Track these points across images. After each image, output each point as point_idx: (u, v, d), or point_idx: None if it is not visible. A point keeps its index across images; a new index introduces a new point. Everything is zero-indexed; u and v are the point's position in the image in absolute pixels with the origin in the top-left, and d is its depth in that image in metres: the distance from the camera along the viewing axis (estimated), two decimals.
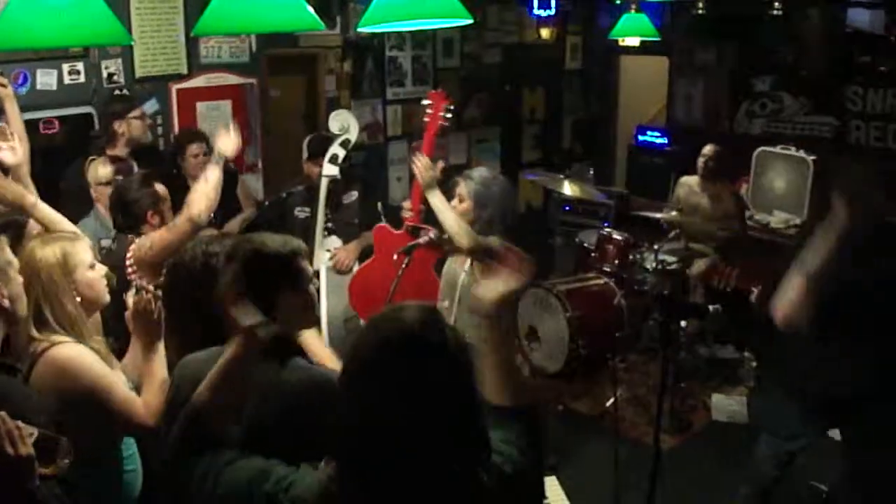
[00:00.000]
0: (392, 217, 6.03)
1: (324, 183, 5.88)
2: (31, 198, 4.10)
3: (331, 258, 6.10)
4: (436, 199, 4.94)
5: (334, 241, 6.20)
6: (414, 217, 5.66)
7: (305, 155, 6.44)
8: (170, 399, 2.80)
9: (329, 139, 6.10)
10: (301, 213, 6.37)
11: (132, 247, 4.34)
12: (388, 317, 2.14)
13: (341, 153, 5.89)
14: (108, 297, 3.52)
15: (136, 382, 3.39)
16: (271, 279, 2.72)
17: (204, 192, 4.28)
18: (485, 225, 4.83)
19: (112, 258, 4.27)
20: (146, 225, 4.46)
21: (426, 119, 5.72)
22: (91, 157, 5.79)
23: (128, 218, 4.49)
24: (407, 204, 5.76)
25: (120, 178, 5.34)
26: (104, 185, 5.45)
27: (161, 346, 3.41)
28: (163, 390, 3.21)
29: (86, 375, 3.15)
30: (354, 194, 6.17)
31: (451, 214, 4.88)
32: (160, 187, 4.58)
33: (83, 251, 3.42)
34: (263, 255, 2.75)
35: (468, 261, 4.96)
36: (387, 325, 2.10)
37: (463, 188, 4.94)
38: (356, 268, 6.08)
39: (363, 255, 6.16)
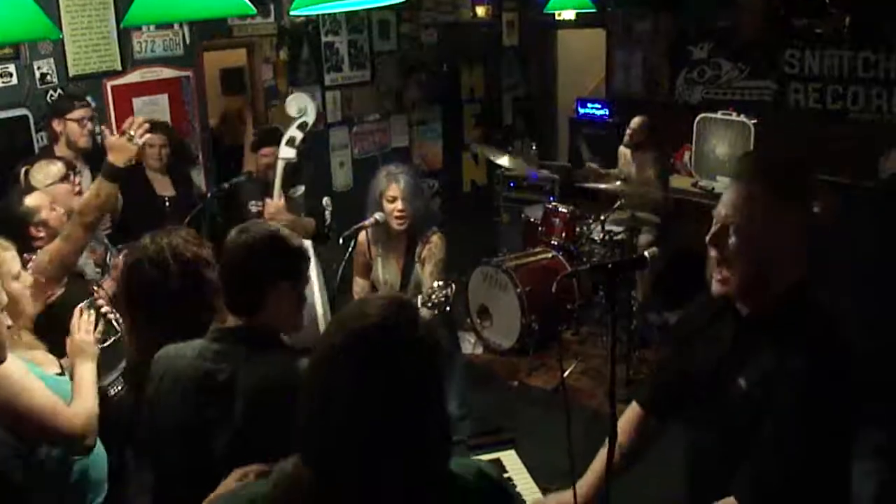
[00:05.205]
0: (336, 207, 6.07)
1: (280, 165, 5.71)
2: None
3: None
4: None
5: None
6: None
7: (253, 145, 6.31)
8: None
9: (277, 131, 6.04)
10: (255, 207, 6.18)
11: (31, 265, 4.04)
12: (352, 310, 2.05)
13: (299, 136, 5.62)
14: (31, 309, 3.43)
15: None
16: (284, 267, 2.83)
17: (89, 199, 4.15)
18: (419, 217, 5.14)
19: None
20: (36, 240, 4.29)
21: None
22: (25, 165, 5.34)
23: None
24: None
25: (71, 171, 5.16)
26: (59, 182, 5.15)
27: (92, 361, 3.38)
28: (94, 398, 3.21)
29: (5, 383, 2.91)
30: (301, 188, 5.97)
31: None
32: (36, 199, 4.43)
33: (10, 260, 3.31)
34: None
35: None
36: (350, 319, 2.01)
37: (395, 189, 5.14)
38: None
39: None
